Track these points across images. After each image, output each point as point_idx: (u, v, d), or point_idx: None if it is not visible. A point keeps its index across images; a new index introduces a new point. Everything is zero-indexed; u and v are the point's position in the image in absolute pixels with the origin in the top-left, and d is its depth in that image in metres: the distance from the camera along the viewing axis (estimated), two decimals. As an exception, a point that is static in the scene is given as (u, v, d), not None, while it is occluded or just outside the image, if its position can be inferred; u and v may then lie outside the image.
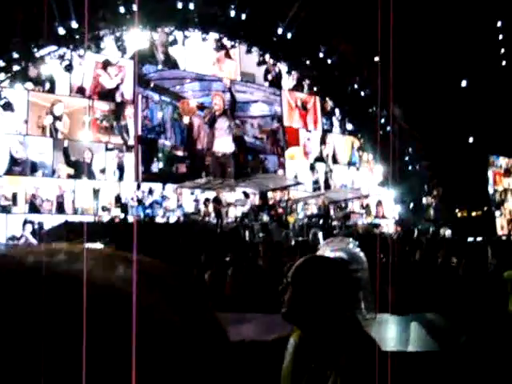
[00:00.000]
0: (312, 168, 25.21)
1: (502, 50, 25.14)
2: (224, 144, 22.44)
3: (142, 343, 0.41)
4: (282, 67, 25.11)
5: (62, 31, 17.69)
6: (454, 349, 2.29)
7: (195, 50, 22.27)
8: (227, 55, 23.40)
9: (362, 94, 25.98)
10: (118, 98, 20.17)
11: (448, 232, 23.60)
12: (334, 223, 19.72)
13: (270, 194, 20.55)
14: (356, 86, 26.11)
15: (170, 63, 21.70)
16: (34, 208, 17.92)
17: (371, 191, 26.28)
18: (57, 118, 18.75)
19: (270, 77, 24.79)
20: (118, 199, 18.37)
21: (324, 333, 1.76)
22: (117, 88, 20.19)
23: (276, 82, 25.07)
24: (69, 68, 18.89)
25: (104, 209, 18.03)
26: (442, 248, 7.50)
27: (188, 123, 21.49)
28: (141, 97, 20.69)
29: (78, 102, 19.31)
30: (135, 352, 0.40)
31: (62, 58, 18.66)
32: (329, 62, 25.17)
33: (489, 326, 2.83)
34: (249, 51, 23.65)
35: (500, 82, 23.98)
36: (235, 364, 0.50)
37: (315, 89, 26.16)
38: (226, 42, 23.15)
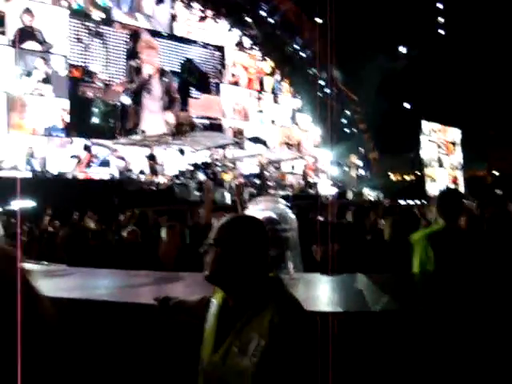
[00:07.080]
0: (249, 127, 25.16)
1: (442, 20, 25.49)
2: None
3: None
4: (224, 24, 24.66)
5: None
6: (380, 310, 2.33)
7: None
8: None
9: (303, 55, 25.95)
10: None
11: (381, 195, 24.16)
12: (270, 183, 19.80)
13: (207, 152, 20.36)
14: (297, 47, 26.04)
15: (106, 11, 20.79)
16: None
17: (308, 152, 26.55)
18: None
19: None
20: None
21: (247, 294, 1.74)
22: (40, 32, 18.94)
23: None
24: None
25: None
26: (372, 210, 7.66)
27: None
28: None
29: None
30: None
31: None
32: (271, 21, 24.91)
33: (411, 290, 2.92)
34: (189, 5, 23.13)
35: (437, 50, 24.41)
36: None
37: (256, 48, 25.90)
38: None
